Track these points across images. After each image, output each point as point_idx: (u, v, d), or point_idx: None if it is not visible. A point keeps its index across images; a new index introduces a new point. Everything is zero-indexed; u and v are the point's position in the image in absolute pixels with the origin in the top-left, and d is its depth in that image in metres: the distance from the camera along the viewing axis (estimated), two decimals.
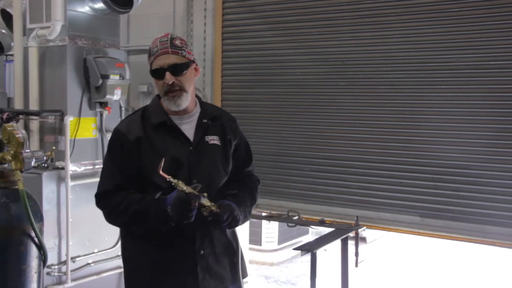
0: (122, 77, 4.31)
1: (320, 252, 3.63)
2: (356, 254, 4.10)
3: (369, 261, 5.99)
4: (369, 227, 4.34)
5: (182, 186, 2.10)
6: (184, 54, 2.32)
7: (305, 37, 4.53)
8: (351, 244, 4.07)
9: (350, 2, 4.31)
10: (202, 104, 2.46)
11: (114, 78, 4.25)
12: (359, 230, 4.15)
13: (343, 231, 3.96)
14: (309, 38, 4.52)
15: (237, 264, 2.47)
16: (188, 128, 2.35)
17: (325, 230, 4.39)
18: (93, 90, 4.27)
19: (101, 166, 4.31)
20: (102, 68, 4.20)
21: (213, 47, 5.07)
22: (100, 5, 4.31)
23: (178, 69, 2.28)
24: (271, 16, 4.70)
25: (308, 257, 3.56)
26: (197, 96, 2.46)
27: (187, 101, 2.31)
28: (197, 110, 2.42)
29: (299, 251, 3.58)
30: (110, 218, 2.33)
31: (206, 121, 2.38)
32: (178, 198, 2.13)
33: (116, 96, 4.30)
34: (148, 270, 2.32)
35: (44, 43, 4.24)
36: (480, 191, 3.87)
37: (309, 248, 3.57)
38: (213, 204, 2.19)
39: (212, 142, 2.37)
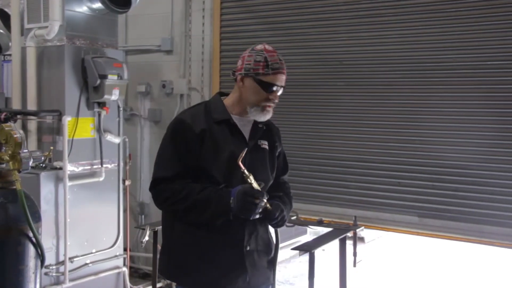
0: (120, 77, 4.31)
1: (318, 252, 3.62)
2: (354, 254, 4.10)
3: (367, 261, 5.98)
4: (367, 227, 4.34)
5: (252, 179, 2.22)
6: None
7: (303, 37, 4.54)
8: (349, 244, 4.06)
9: (347, 2, 4.32)
10: None
11: (112, 78, 4.24)
12: (357, 230, 4.14)
13: (341, 231, 3.95)
14: (307, 38, 4.52)
15: (274, 264, 2.59)
16: (245, 130, 2.47)
17: (323, 230, 4.38)
18: (91, 90, 4.27)
19: (99, 166, 4.40)
20: (100, 68, 4.20)
21: (211, 47, 5.07)
22: (98, 5, 4.30)
23: (283, 90, 2.44)
24: (269, 16, 4.70)
25: (306, 257, 3.56)
26: None
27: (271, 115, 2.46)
28: None
29: (297, 251, 3.58)
30: (166, 203, 2.37)
31: (261, 126, 2.50)
32: (244, 192, 2.23)
33: (114, 96, 4.30)
34: (193, 259, 2.39)
35: (42, 43, 4.24)
36: (479, 191, 3.87)
37: (307, 248, 3.56)
38: (268, 201, 2.29)
39: (263, 146, 2.50)
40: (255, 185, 2.23)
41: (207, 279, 2.38)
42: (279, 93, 2.41)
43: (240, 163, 2.23)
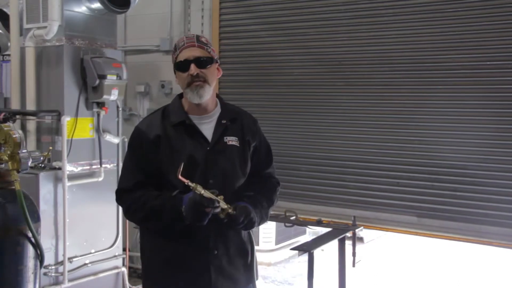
0: (119, 77, 4.31)
1: (317, 252, 3.63)
2: (354, 254, 4.11)
3: (366, 261, 5.99)
4: (366, 227, 4.34)
5: (200, 190, 2.10)
6: (209, 50, 2.35)
7: (302, 37, 4.54)
8: (348, 244, 4.07)
9: (347, 2, 4.32)
10: (223, 105, 2.47)
11: (111, 78, 4.24)
12: (357, 230, 4.15)
13: (340, 231, 3.96)
14: (306, 38, 4.52)
15: (251, 266, 2.48)
16: (207, 128, 2.37)
17: (323, 230, 4.39)
18: (90, 90, 4.27)
19: (98, 166, 4.39)
20: (99, 68, 4.20)
21: None
22: (97, 5, 4.30)
23: (203, 62, 2.30)
24: (268, 16, 4.70)
25: (305, 257, 3.56)
26: (218, 97, 2.48)
27: (209, 94, 2.32)
28: (217, 111, 2.43)
29: (296, 251, 3.58)
30: (128, 213, 2.36)
31: (225, 122, 2.39)
32: (193, 200, 2.15)
33: (113, 96, 4.30)
34: (163, 265, 2.36)
35: (41, 43, 4.24)
36: (477, 191, 3.88)
37: (307, 248, 3.57)
38: (229, 206, 2.19)
39: (230, 143, 2.38)
40: (206, 193, 2.10)
41: (175, 285, 2.34)
42: (194, 67, 2.27)
43: (180, 177, 2.10)
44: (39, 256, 2.69)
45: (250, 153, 2.44)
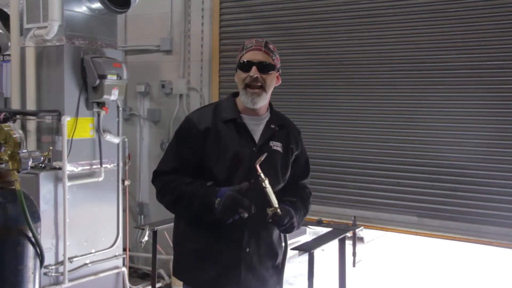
0: (119, 77, 4.31)
1: (317, 252, 3.63)
2: (354, 254, 4.11)
3: (367, 261, 5.99)
4: (366, 227, 4.34)
5: (267, 184, 2.18)
6: (273, 58, 2.41)
7: (302, 37, 4.54)
8: (348, 244, 4.07)
9: (347, 2, 4.32)
10: (273, 111, 2.53)
11: (111, 78, 4.24)
12: (357, 230, 4.15)
13: (340, 231, 3.95)
14: (306, 38, 4.52)
15: (281, 269, 2.53)
16: (256, 130, 2.41)
17: (323, 230, 4.39)
18: (91, 90, 4.27)
19: (98, 166, 4.39)
20: (99, 68, 4.20)
21: (211, 46, 5.07)
22: (97, 5, 4.30)
23: (265, 67, 2.35)
24: (268, 16, 4.70)
25: (305, 257, 3.56)
26: (269, 103, 2.53)
27: (263, 101, 2.38)
28: (267, 115, 2.48)
29: (296, 251, 3.58)
30: (160, 194, 2.38)
31: (273, 126, 2.44)
32: (231, 197, 2.17)
33: (114, 96, 4.29)
34: (194, 256, 2.39)
35: (41, 43, 4.24)
36: (477, 191, 3.88)
37: (307, 248, 3.56)
38: (279, 206, 2.24)
39: (275, 148, 2.43)
40: (269, 190, 2.19)
41: (206, 277, 2.38)
42: (255, 70, 2.33)
43: (257, 166, 2.18)
44: (39, 256, 2.69)
45: (291, 161, 2.50)
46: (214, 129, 2.35)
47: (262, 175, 2.18)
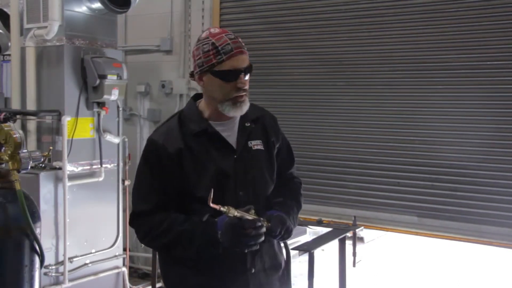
0: (119, 77, 4.31)
1: (317, 252, 3.63)
2: (354, 254, 4.11)
3: (367, 261, 5.99)
4: (366, 227, 4.35)
5: (233, 212, 1.90)
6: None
7: (302, 37, 4.54)
8: (348, 244, 4.07)
9: (347, 2, 4.32)
10: None
11: (111, 78, 4.24)
12: (357, 230, 4.15)
13: (340, 231, 3.96)
14: (306, 38, 4.52)
15: (286, 277, 2.32)
16: (230, 135, 2.11)
17: (323, 230, 4.39)
18: (91, 90, 4.27)
19: (98, 166, 4.39)
20: (99, 68, 4.20)
21: None
22: (97, 5, 4.30)
23: (249, 70, 2.04)
24: (268, 16, 4.70)
25: (305, 257, 3.56)
26: None
27: (248, 105, 2.08)
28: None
29: (297, 251, 3.58)
30: (147, 238, 2.09)
31: (249, 124, 2.14)
32: (230, 224, 1.92)
33: (114, 96, 4.29)
34: None
35: (41, 43, 4.24)
36: (477, 191, 3.88)
37: (307, 248, 3.57)
38: (262, 219, 1.97)
39: (256, 147, 2.15)
40: (239, 213, 1.91)
41: None
42: (247, 77, 2.02)
43: (211, 204, 1.85)
44: (40, 256, 2.69)
45: (275, 155, 2.23)
46: (187, 148, 2.04)
47: (222, 208, 1.88)
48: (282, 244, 2.40)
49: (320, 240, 3.84)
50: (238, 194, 2.06)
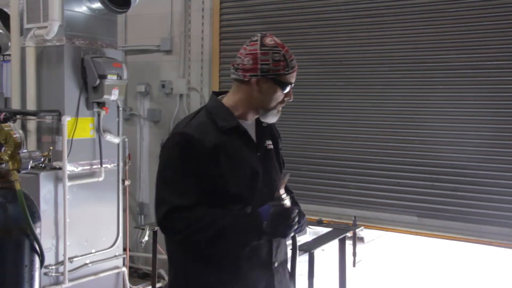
0: (119, 77, 4.31)
1: (318, 252, 3.63)
2: (354, 254, 4.11)
3: (367, 261, 5.99)
4: (367, 227, 4.35)
5: (288, 202, 2.03)
6: None
7: (302, 37, 4.54)
8: (348, 244, 4.07)
9: (347, 2, 4.32)
10: None
11: (111, 78, 4.24)
12: (357, 230, 4.15)
13: (341, 231, 3.96)
14: (306, 38, 4.52)
15: (293, 272, 2.35)
16: (252, 135, 2.18)
17: (323, 230, 4.38)
18: (91, 90, 4.27)
19: (99, 166, 4.39)
20: (99, 68, 4.20)
21: (211, 47, 5.07)
22: (97, 5, 4.30)
23: None
24: (268, 16, 4.71)
25: (306, 257, 3.56)
26: None
27: None
28: None
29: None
30: (185, 232, 2.01)
31: (266, 125, 2.21)
32: (279, 214, 1.98)
33: (114, 96, 4.29)
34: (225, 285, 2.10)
35: (42, 43, 4.24)
36: (477, 191, 3.88)
37: (307, 248, 3.57)
38: (295, 207, 2.10)
39: (269, 147, 2.23)
40: (288, 204, 2.02)
41: None
42: (291, 96, 2.18)
43: (282, 191, 2.00)
44: (40, 256, 2.69)
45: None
46: (223, 144, 2.04)
47: (285, 195, 2.02)
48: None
49: (320, 240, 3.84)
50: (263, 192, 2.10)
